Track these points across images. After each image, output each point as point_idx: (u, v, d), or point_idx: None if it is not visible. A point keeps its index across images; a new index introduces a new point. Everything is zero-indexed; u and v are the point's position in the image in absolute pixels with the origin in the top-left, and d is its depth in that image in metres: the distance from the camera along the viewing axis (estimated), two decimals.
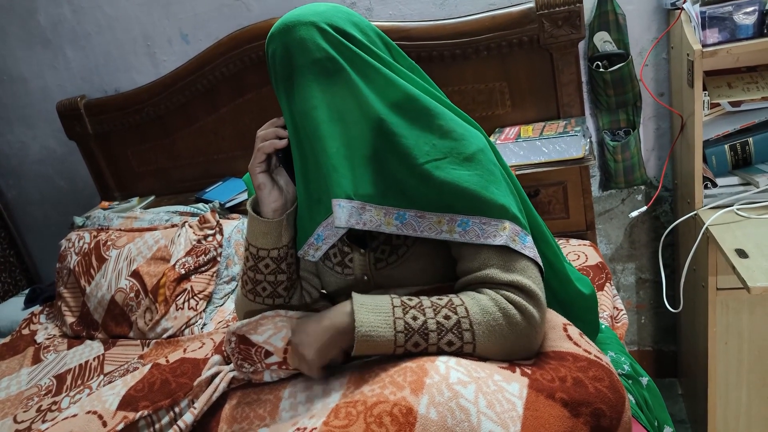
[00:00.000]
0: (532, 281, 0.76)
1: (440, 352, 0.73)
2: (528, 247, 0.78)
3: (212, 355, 0.99)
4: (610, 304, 1.31)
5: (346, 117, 0.78)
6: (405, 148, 0.77)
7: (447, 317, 0.73)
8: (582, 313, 0.95)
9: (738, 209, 1.34)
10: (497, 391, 0.68)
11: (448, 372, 0.70)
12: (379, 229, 0.79)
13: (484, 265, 0.77)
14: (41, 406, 1.40)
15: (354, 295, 0.77)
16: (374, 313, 0.73)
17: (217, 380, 0.90)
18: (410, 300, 0.76)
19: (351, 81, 0.78)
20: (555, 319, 0.83)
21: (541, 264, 0.80)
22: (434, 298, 0.76)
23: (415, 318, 0.73)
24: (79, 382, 1.47)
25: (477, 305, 0.74)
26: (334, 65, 0.77)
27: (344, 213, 0.78)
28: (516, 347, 0.75)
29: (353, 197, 0.78)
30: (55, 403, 1.39)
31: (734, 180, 1.41)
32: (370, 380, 0.73)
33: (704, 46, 1.27)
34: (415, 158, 0.77)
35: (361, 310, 0.74)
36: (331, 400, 0.73)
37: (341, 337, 0.76)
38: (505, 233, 0.76)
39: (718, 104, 1.43)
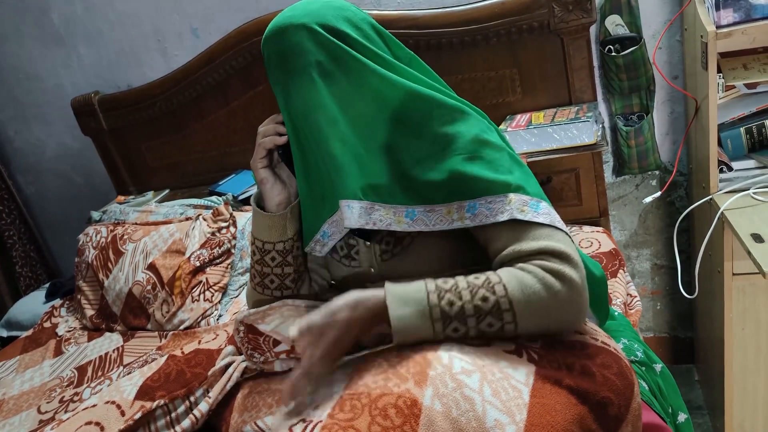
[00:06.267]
0: (562, 243, 0.74)
1: (481, 335, 0.72)
2: (542, 213, 0.76)
3: (226, 345, 1.01)
4: (624, 290, 1.30)
5: (344, 116, 0.79)
6: (408, 140, 0.78)
7: (485, 299, 0.71)
8: (592, 297, 0.94)
9: (754, 193, 1.31)
10: (503, 379, 0.68)
11: (451, 362, 0.70)
12: (390, 227, 0.80)
13: (508, 241, 0.76)
14: (64, 396, 1.43)
15: (387, 286, 0.74)
16: (409, 305, 0.72)
17: (230, 370, 0.92)
18: (445, 282, 0.73)
19: (346, 81, 0.78)
20: None
21: (560, 226, 0.78)
22: (471, 277, 0.74)
23: (451, 304, 0.71)
24: (100, 373, 1.50)
25: (516, 280, 0.72)
26: (328, 67, 0.78)
27: (354, 214, 0.79)
28: (561, 316, 0.73)
29: (362, 197, 0.79)
30: (77, 394, 1.43)
31: (750, 163, 1.38)
32: (373, 371, 0.73)
33: (718, 27, 1.24)
34: (418, 149, 0.78)
35: (395, 303, 0.71)
36: (335, 391, 0.74)
37: (374, 321, 0.74)
38: (511, 206, 0.76)
39: (734, 86, 1.40)
